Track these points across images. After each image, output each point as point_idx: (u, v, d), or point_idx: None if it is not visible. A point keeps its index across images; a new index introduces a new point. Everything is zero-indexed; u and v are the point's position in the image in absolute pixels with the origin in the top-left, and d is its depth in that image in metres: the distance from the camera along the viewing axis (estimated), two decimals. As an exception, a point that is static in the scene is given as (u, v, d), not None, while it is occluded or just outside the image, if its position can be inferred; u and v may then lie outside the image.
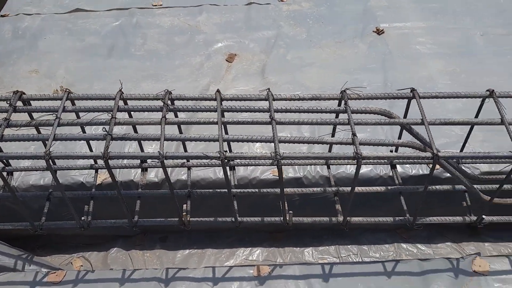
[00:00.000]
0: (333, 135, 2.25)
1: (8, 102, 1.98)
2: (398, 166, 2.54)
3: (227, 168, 2.03)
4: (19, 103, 2.02)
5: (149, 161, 2.48)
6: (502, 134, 2.09)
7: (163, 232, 3.08)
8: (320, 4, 4.01)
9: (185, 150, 2.43)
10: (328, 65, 3.42)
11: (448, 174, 2.49)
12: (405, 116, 2.17)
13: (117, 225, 2.22)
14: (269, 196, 2.55)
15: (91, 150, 2.34)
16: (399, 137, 2.30)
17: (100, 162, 2.44)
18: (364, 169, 2.71)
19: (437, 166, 2.12)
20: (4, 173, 2.14)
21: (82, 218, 2.11)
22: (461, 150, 2.39)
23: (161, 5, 4.04)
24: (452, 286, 2.27)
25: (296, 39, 3.66)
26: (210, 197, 2.54)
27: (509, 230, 2.84)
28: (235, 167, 2.52)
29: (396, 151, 2.35)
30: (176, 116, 2.14)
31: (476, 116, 2.18)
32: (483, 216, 2.22)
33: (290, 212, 2.15)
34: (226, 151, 1.82)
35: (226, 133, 2.17)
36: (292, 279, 2.36)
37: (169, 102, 2.02)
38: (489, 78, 3.26)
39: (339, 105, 2.12)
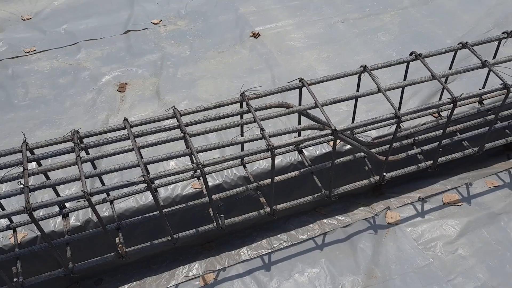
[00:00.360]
0: (242, 136, 2.41)
1: None
2: (304, 150, 2.79)
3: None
4: None
5: (67, 205, 2.43)
6: (382, 103, 2.43)
7: (96, 275, 3.00)
8: (195, 20, 4.18)
9: (103, 185, 2.42)
10: (218, 75, 3.59)
11: (348, 146, 2.81)
12: (300, 104, 2.42)
13: (52, 277, 2.15)
14: (195, 209, 2.64)
15: (3, 209, 2.23)
16: (299, 124, 2.54)
17: (17, 220, 2.34)
18: (276, 160, 2.91)
19: (338, 141, 2.39)
20: None
21: (14, 279, 2.02)
22: (352, 122, 2.71)
23: (34, 50, 3.89)
24: (374, 241, 2.57)
25: (181, 57, 3.79)
26: (139, 225, 2.56)
27: (407, 183, 3.22)
28: (157, 189, 2.58)
29: (299, 136, 2.59)
30: (87, 153, 2.15)
31: (357, 91, 2.50)
32: (384, 174, 2.55)
33: (221, 215, 2.27)
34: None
35: (142, 158, 2.23)
36: (237, 278, 2.48)
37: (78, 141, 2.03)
38: (358, 57, 3.69)
39: (241, 107, 2.29)
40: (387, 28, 3.97)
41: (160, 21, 4.17)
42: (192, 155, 1.97)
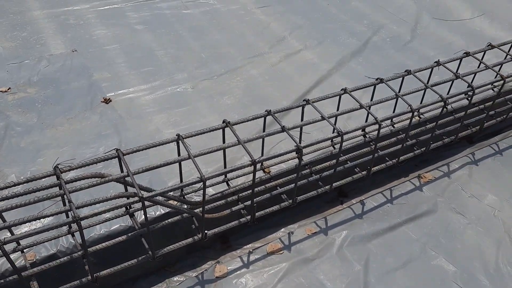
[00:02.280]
0: (64, 205, 2.49)
1: None
2: (136, 214, 2.91)
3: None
4: None
5: None
6: (218, 162, 2.61)
7: None
8: (46, 87, 4.22)
9: None
10: (64, 143, 3.63)
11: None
12: (122, 171, 2.57)
13: None
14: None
15: None
16: (126, 190, 2.68)
17: None
18: (115, 225, 3.00)
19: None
20: None
21: None
22: (181, 182, 2.92)
23: None
24: (200, 296, 2.73)
25: (27, 125, 3.78)
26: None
27: (252, 234, 3.43)
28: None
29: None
30: None
31: (179, 155, 2.72)
32: (206, 232, 2.76)
33: (36, 288, 2.29)
34: None
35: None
36: None
37: None
38: (204, 119, 3.97)
39: (58, 179, 2.38)
40: (232, 92, 4.34)
41: (8, 89, 4.15)
42: (-6, 232, 2.01)
